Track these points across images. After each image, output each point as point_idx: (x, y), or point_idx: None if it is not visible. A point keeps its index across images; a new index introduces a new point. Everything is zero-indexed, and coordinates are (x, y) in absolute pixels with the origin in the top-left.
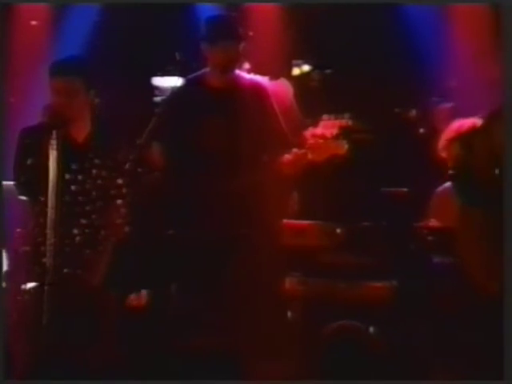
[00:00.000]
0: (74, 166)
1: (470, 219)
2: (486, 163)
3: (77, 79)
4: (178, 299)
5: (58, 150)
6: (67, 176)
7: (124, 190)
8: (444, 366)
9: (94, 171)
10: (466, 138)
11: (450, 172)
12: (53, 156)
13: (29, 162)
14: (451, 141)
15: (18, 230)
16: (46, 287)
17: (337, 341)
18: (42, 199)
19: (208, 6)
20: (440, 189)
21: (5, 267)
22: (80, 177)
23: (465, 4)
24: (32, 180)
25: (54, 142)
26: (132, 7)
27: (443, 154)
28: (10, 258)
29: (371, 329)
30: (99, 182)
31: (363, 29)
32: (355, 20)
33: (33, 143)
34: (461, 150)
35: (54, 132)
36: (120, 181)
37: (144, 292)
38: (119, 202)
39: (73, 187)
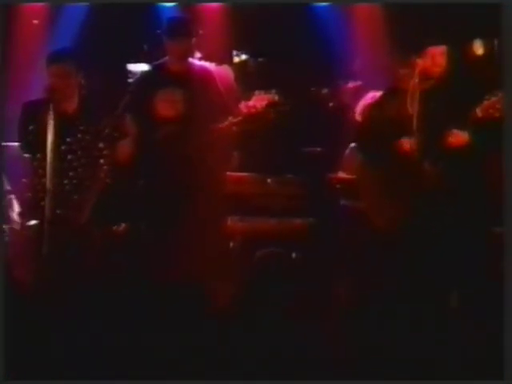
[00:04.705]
0: (64, 132)
1: (367, 172)
2: (380, 130)
3: (70, 64)
4: (147, 234)
5: (54, 119)
6: (59, 139)
7: (105, 152)
8: (344, 279)
9: (80, 136)
10: (368, 109)
11: (354, 134)
12: (50, 123)
13: (30, 127)
14: (361, 111)
15: (24, 180)
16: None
17: (266, 263)
18: (40, 156)
19: (169, 6)
20: (350, 146)
21: (16, 210)
22: (68, 139)
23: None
24: (33, 142)
25: (51, 113)
26: (113, 9)
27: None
28: (18, 203)
29: (293, 254)
30: (83, 144)
31: (288, 25)
32: (281, 19)
33: (35, 113)
34: (365, 118)
35: (51, 105)
36: (101, 145)
37: (123, 224)
38: (102, 161)
39: (63, 147)
